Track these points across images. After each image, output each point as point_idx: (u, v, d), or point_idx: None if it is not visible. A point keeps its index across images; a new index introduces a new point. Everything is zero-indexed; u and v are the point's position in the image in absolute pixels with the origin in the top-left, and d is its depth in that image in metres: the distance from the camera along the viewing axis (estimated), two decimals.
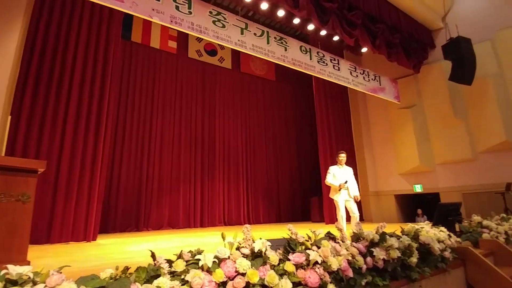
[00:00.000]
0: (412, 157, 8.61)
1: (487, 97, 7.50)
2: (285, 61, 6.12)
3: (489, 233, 3.58)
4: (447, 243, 2.80)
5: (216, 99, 9.13)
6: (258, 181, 9.54)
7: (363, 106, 10.17)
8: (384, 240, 2.26)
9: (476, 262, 2.85)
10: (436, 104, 8.40)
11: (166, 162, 7.79)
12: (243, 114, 9.71)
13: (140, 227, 6.97)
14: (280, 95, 10.85)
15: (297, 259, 1.65)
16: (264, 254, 1.63)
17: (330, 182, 4.61)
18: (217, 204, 8.42)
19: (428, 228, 2.89)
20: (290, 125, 10.96)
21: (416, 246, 2.45)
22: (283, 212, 9.88)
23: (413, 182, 8.82)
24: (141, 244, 4.39)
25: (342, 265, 1.82)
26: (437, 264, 2.60)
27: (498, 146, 7.31)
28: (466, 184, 7.84)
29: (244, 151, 9.48)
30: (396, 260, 2.20)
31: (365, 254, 2.09)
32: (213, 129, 8.89)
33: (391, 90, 8.63)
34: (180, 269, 1.41)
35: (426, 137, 8.60)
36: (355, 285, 1.86)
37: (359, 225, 2.37)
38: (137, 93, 7.71)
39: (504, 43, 7.42)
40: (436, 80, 8.44)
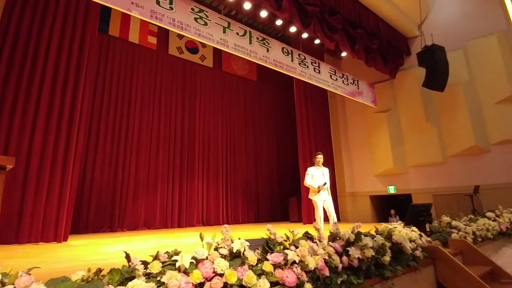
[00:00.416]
0: (387, 160, 8.91)
1: (458, 103, 7.90)
2: (267, 62, 6.15)
3: (457, 233, 3.77)
4: (418, 243, 2.92)
5: (197, 98, 9.01)
6: (237, 181, 9.52)
7: (342, 109, 10.40)
8: (360, 239, 2.32)
9: (445, 261, 2.99)
10: (410, 109, 8.74)
11: (143, 161, 7.59)
12: (224, 114, 9.65)
13: (114, 227, 6.75)
14: (261, 96, 10.88)
15: (275, 259, 1.67)
16: (243, 255, 1.63)
17: (309, 184, 4.68)
18: (195, 204, 8.31)
19: (401, 228, 3.00)
20: (271, 126, 11.01)
21: (389, 245, 2.54)
22: (262, 212, 9.92)
23: (387, 183, 9.13)
24: (115, 245, 4.27)
25: (319, 264, 1.85)
26: (408, 262, 2.71)
27: (467, 151, 7.71)
28: (437, 186, 8.21)
29: (224, 151, 9.42)
30: (370, 259, 2.27)
31: (341, 253, 2.14)
32: (193, 128, 8.76)
33: (368, 94, 8.89)
34: (156, 270, 1.38)
35: (400, 140, 8.93)
36: (331, 283, 1.90)
37: (336, 225, 2.42)
38: (114, 89, 7.46)
39: (475, 52, 7.85)
40: (411, 86, 8.78)
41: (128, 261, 1.39)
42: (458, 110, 7.88)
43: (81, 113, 5.17)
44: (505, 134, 7.23)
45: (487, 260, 3.34)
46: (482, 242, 4.07)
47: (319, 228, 2.24)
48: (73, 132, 4.99)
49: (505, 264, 3.50)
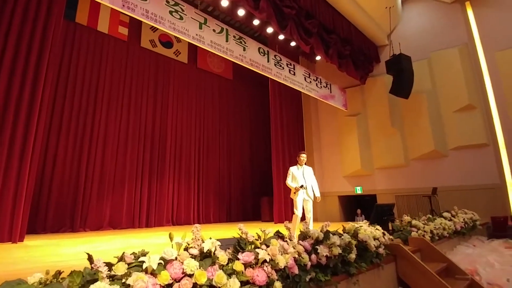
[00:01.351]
0: (355, 161, 9.26)
1: (420, 110, 8.38)
2: (243, 61, 6.14)
3: (417, 232, 4.00)
4: (381, 241, 3.07)
5: (170, 94, 8.77)
6: (209, 181, 9.42)
7: (315, 111, 10.65)
8: (328, 238, 2.39)
9: (405, 258, 3.17)
10: (377, 113, 9.16)
11: (110, 158, 7.25)
12: (198, 112, 9.49)
13: (76, 227, 6.38)
14: (236, 95, 10.84)
15: (246, 258, 1.67)
16: (214, 254, 1.61)
17: (289, 184, 4.69)
18: (165, 203, 8.10)
19: (366, 227, 3.13)
20: (245, 125, 11.01)
21: (355, 243, 2.64)
22: (234, 212, 9.89)
23: (354, 184, 9.49)
24: (76, 246, 4.04)
25: (289, 263, 1.88)
26: (372, 259, 2.84)
27: (427, 155, 8.21)
28: (399, 187, 8.67)
29: (197, 149, 9.28)
30: (337, 256, 2.34)
31: (310, 251, 2.19)
32: (164, 125, 8.52)
33: (340, 98, 9.18)
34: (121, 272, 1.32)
35: (367, 143, 9.32)
36: (299, 281, 1.94)
37: (306, 224, 2.48)
38: (79, 81, 7.03)
39: (438, 63, 8.39)
40: (379, 92, 9.20)
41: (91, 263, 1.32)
42: (420, 116, 8.37)
43: (41, 104, 4.82)
44: (462, 140, 7.78)
45: (443, 257, 3.58)
46: (439, 240, 4.36)
47: (290, 227, 2.27)
48: (32, 124, 4.64)
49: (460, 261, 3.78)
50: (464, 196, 7.48)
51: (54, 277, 1.21)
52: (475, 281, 3.35)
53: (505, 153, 7.33)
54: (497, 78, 7.62)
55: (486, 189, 7.31)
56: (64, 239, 4.94)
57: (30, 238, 5.02)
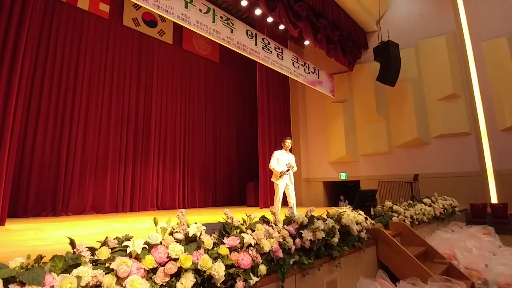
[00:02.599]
0: (340, 148, 9.42)
1: (405, 98, 8.54)
2: (230, 44, 6.01)
3: (397, 217, 4.16)
4: (363, 225, 3.17)
5: (154, 76, 8.53)
6: (195, 165, 9.38)
7: (302, 97, 10.66)
8: (312, 223, 2.45)
9: (386, 242, 3.30)
10: (364, 101, 9.26)
11: (92, 141, 7.06)
12: (183, 95, 9.31)
13: (58, 211, 6.27)
14: (223, 78, 10.68)
15: (231, 243, 1.69)
16: (199, 239, 1.62)
17: (274, 167, 4.71)
18: (149, 187, 8.03)
19: (349, 212, 3.23)
20: (231, 110, 10.92)
21: (338, 227, 2.72)
22: (219, 197, 9.94)
23: (339, 170, 9.68)
24: (58, 230, 3.98)
25: (274, 247, 1.92)
26: (354, 243, 2.94)
27: (410, 142, 8.43)
28: (382, 173, 8.91)
29: (182, 133, 9.16)
30: (321, 240, 2.42)
31: (294, 236, 2.24)
32: (149, 108, 8.33)
33: (327, 84, 9.21)
34: (104, 257, 1.31)
35: (353, 130, 9.46)
36: (284, 264, 1.99)
37: (291, 209, 2.52)
38: (58, 60, 6.72)
39: (425, 51, 8.49)
40: (366, 79, 9.27)
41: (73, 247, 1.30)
42: (405, 104, 8.53)
43: (19, 86, 4.60)
44: (444, 129, 8.02)
45: (422, 242, 3.75)
46: (419, 225, 4.55)
47: (275, 212, 2.31)
48: (10, 106, 4.44)
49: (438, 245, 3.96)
50: (444, 183, 7.78)
51: (36, 261, 1.19)
52: (453, 265, 3.51)
53: (487, 142, 7.62)
54: (482, 68, 7.80)
55: (467, 177, 7.61)
56: (46, 223, 4.86)
57: (11, 222, 4.91)
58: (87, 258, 1.27)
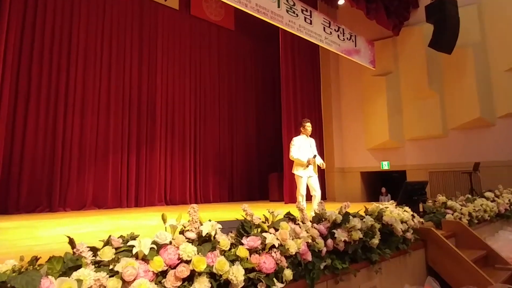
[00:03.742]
0: (382, 131, 9.21)
1: (465, 69, 8.14)
2: (247, 6, 5.92)
3: (452, 214, 4.05)
4: (410, 224, 3.12)
5: (158, 49, 8.60)
6: (208, 153, 9.51)
7: (335, 70, 10.42)
8: (347, 220, 2.43)
9: (437, 244, 3.24)
10: (412, 72, 8.93)
11: (90, 127, 7.28)
12: (193, 70, 9.36)
13: (54, 206, 6.55)
14: (239, 49, 10.60)
15: (251, 243, 1.71)
16: (214, 238, 1.66)
17: (297, 157, 4.71)
18: (157, 179, 8.26)
19: (392, 208, 3.18)
20: (250, 87, 10.87)
21: (379, 227, 2.69)
22: (237, 190, 10.07)
23: (380, 158, 9.51)
24: (55, 228, 4.14)
25: (301, 249, 1.93)
26: (398, 245, 2.91)
27: (470, 123, 8.09)
28: (434, 162, 8.67)
29: (193, 116, 9.27)
30: (357, 241, 2.40)
31: (326, 236, 2.24)
32: (153, 87, 8.46)
33: (366, 53, 8.93)
34: (107, 258, 1.36)
35: (398, 109, 9.20)
36: (313, 269, 2.01)
37: (321, 205, 2.51)
38: (48, 36, 6.83)
39: (491, 9, 7.98)
40: (415, 45, 8.89)
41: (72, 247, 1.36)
42: (464, 76, 8.14)
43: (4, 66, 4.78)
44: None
45: (482, 244, 3.65)
46: (478, 224, 4.42)
47: (302, 208, 2.31)
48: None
49: (501, 248, 3.84)
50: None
51: (30, 263, 1.23)
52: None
53: None
54: None
55: None
56: (41, 220, 5.08)
57: (1, 219, 5.15)
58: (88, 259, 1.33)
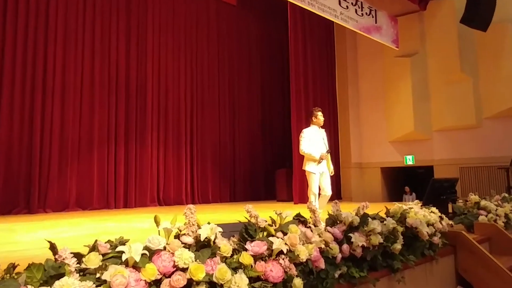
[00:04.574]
0: (407, 121, 9.16)
1: (503, 49, 8.05)
2: None
3: (486, 216, 4.04)
4: (437, 227, 3.12)
5: (148, 27, 8.58)
6: (206, 146, 9.52)
7: (352, 51, 10.34)
8: (365, 223, 2.44)
9: (469, 249, 3.23)
10: (441, 53, 8.84)
11: (72, 117, 7.31)
12: (188, 51, 9.32)
13: (33, 208, 6.61)
14: (242, 27, 10.54)
15: (256, 249, 1.72)
16: (213, 243, 1.67)
17: (309, 152, 4.72)
18: (148, 176, 8.30)
19: (417, 209, 3.18)
20: (254, 71, 10.83)
21: (401, 230, 2.70)
22: (239, 188, 10.10)
23: (404, 152, 9.47)
24: (35, 231, 4.18)
25: (313, 255, 1.94)
26: (423, 251, 2.91)
27: (508, 111, 8.04)
28: (465, 156, 8.63)
29: (189, 104, 9.27)
30: (377, 247, 2.41)
31: (341, 240, 2.25)
32: (143, 71, 8.44)
33: (389, 31, 8.84)
34: (94, 265, 1.38)
35: (425, 95, 9.14)
36: (326, 278, 2.02)
37: (336, 205, 2.52)
38: (23, 11, 6.82)
39: None
40: (445, 21, 8.79)
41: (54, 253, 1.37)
42: (502, 57, 8.06)
43: None
44: None
45: None
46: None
47: (314, 209, 2.32)
48: None
49: None
50: None
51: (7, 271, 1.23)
52: None
53: None
54: None
55: None
56: (19, 223, 5.12)
57: None
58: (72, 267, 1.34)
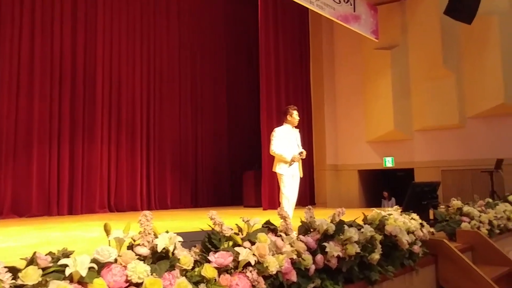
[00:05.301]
0: (386, 119, 9.39)
1: (488, 43, 8.39)
2: None
3: (469, 223, 4.20)
4: (418, 235, 3.22)
5: (99, 8, 8.40)
6: (165, 145, 9.43)
7: (329, 42, 10.48)
8: (341, 231, 2.48)
9: (450, 259, 3.35)
10: (424, 46, 9.12)
11: (7, 109, 7.14)
12: (145, 38, 9.20)
13: None
14: (207, 11, 10.50)
15: (220, 260, 1.72)
16: (172, 255, 1.66)
17: (280, 152, 4.78)
18: (97, 178, 8.14)
19: (397, 215, 3.26)
20: (220, 61, 10.81)
21: (380, 238, 2.77)
22: (202, 193, 10.06)
23: (383, 153, 9.71)
24: None
25: (284, 267, 1.96)
26: (403, 261, 3.00)
27: (492, 111, 8.39)
28: (448, 158, 8.94)
29: (145, 97, 9.15)
30: (354, 257, 2.46)
31: (315, 250, 2.28)
32: (92, 59, 8.26)
33: (368, 20, 9.03)
34: (32, 281, 1.33)
35: (406, 91, 9.39)
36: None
37: (310, 212, 2.55)
38: None
39: None
40: (428, 12, 9.06)
41: None
42: (488, 52, 8.40)
43: None
44: None
45: (504, 259, 3.80)
46: (500, 234, 4.60)
47: (286, 216, 2.34)
48: None
49: None
50: None
51: None
52: None
53: None
54: None
55: None
56: None
57: None
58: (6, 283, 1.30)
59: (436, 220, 4.20)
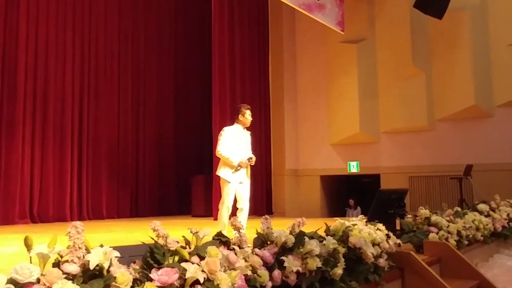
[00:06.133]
0: (351, 120, 9.60)
1: (459, 40, 8.76)
2: None
3: (437, 233, 4.37)
4: (384, 247, 3.31)
5: None
6: (100, 146, 9.25)
7: (290, 34, 10.60)
8: (302, 244, 2.51)
9: (417, 273, 3.47)
10: (392, 42, 9.40)
11: None
12: (79, 23, 9.01)
13: None
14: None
15: (164, 278, 1.70)
16: (107, 272, 1.62)
17: (227, 155, 4.77)
18: (18, 183, 7.89)
19: (362, 226, 3.34)
20: (166, 53, 10.75)
21: (343, 251, 2.82)
22: (144, 201, 9.95)
23: (348, 157, 9.91)
24: None
25: (237, 284, 1.96)
26: (368, 276, 3.07)
27: (463, 113, 8.75)
28: (415, 163, 9.26)
29: (77, 90, 8.93)
30: (314, 272, 2.50)
31: (272, 265, 2.29)
32: (13, 43, 8.05)
33: (333, 10, 9.18)
34: None
35: (373, 90, 9.65)
36: None
37: (267, 222, 2.56)
38: None
39: None
40: (397, 5, 9.35)
41: None
42: (458, 50, 8.76)
43: None
44: None
45: (473, 272, 3.97)
46: (469, 246, 4.82)
47: (240, 226, 2.34)
48: None
49: (496, 277, 4.19)
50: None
51: None
52: None
53: None
54: None
55: None
56: None
57: None
58: None
59: (403, 230, 4.31)
